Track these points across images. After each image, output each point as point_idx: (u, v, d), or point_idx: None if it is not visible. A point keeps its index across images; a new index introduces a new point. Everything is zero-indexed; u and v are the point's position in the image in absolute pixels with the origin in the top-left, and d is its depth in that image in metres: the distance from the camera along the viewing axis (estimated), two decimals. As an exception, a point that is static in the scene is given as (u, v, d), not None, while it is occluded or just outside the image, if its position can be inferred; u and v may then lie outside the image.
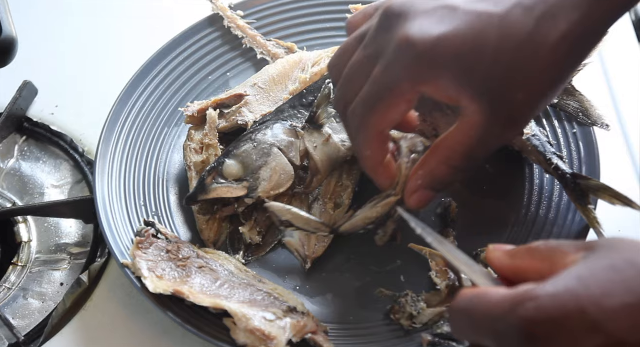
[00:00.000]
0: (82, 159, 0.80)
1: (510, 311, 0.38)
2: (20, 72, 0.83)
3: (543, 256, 0.42)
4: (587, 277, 0.38)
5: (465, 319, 0.41)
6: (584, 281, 0.37)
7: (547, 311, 0.37)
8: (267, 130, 0.67)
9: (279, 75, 0.76)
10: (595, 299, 0.36)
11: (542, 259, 0.42)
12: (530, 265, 0.43)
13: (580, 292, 0.37)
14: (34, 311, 0.71)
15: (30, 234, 0.76)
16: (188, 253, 0.65)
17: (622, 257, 0.38)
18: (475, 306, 0.41)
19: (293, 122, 0.68)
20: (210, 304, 0.60)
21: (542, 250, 0.43)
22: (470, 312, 0.41)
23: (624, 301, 0.36)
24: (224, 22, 0.82)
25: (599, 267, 0.38)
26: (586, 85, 0.72)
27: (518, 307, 0.38)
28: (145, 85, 0.77)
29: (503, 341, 0.39)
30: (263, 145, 0.66)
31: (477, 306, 0.40)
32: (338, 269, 0.68)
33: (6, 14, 0.70)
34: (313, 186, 0.67)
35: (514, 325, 0.38)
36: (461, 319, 0.42)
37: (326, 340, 0.60)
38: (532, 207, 0.69)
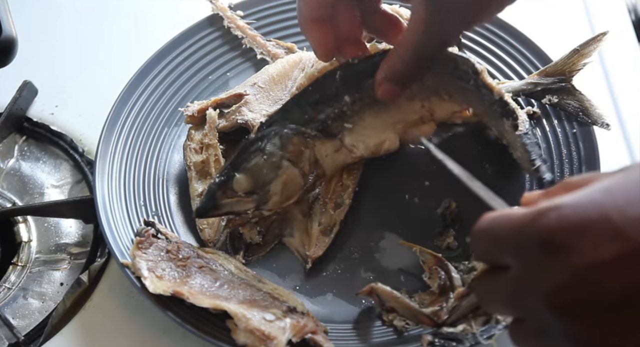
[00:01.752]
0: (82, 159, 0.80)
1: (532, 222, 0.38)
2: (20, 72, 0.83)
3: (576, 183, 0.41)
4: (612, 189, 0.37)
5: (488, 238, 0.41)
6: (608, 191, 0.37)
7: (568, 219, 0.37)
8: (276, 140, 0.64)
9: (279, 75, 0.76)
10: (619, 207, 0.36)
11: (575, 185, 0.41)
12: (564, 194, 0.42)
13: (604, 201, 0.36)
14: (33, 311, 0.71)
15: (30, 234, 0.76)
16: (188, 253, 0.65)
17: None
18: (497, 223, 0.41)
19: (302, 126, 0.64)
20: (210, 305, 0.60)
21: (575, 180, 0.42)
22: (493, 230, 0.41)
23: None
24: (224, 22, 0.82)
25: (626, 181, 0.37)
26: (586, 85, 0.72)
27: (540, 218, 0.38)
28: (145, 85, 0.77)
29: (525, 253, 0.38)
30: (273, 158, 0.63)
31: (499, 224, 0.40)
32: (338, 269, 0.68)
33: (6, 14, 0.70)
34: (314, 187, 0.67)
35: (535, 235, 0.37)
36: (483, 238, 0.42)
37: (326, 340, 0.60)
38: (532, 207, 0.68)
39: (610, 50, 0.82)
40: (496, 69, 0.77)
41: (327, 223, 0.69)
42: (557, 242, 0.37)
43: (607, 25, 0.71)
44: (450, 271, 0.63)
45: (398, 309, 0.61)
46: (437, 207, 0.70)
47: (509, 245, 0.40)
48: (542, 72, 0.73)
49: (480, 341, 0.58)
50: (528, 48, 0.77)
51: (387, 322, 0.62)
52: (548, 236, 0.37)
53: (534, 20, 0.83)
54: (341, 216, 0.69)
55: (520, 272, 0.39)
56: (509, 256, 0.40)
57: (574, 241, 0.36)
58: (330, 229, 0.69)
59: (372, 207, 0.72)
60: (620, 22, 0.87)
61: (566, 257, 0.36)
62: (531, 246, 0.38)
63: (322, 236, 0.68)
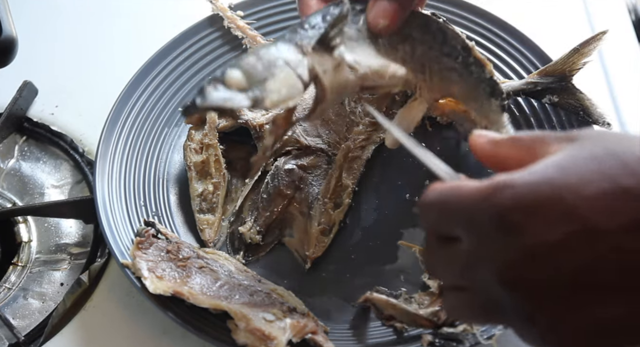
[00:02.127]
0: (82, 159, 0.80)
1: (485, 199, 0.38)
2: (20, 72, 0.83)
3: (525, 145, 0.42)
4: (566, 166, 0.37)
5: (438, 211, 0.41)
6: (562, 169, 0.37)
7: (522, 198, 0.37)
8: (271, 47, 0.56)
9: (279, 75, 0.76)
10: (572, 186, 0.36)
11: (524, 148, 0.42)
12: (512, 154, 0.43)
13: (557, 179, 0.37)
14: (34, 311, 0.71)
15: (30, 234, 0.76)
16: (188, 253, 0.65)
17: (603, 147, 0.38)
18: (447, 197, 0.40)
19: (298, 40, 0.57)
20: (210, 305, 0.60)
21: (525, 139, 0.42)
22: (444, 203, 0.41)
23: (601, 188, 0.36)
24: (224, 22, 0.82)
25: (579, 157, 0.38)
26: (586, 85, 0.72)
27: (493, 195, 0.38)
28: (145, 85, 0.77)
29: (478, 229, 0.39)
30: (268, 56, 0.55)
31: (449, 198, 0.40)
32: (338, 269, 0.68)
33: (6, 14, 0.70)
34: (315, 114, 0.60)
35: (489, 212, 0.38)
36: (432, 211, 0.42)
37: (326, 340, 0.60)
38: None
39: (610, 50, 0.82)
40: (496, 69, 0.77)
41: (326, 223, 0.69)
42: (511, 220, 0.37)
43: (607, 25, 0.71)
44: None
45: (396, 316, 0.61)
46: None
47: (460, 219, 0.40)
48: (542, 71, 0.73)
49: (480, 341, 0.58)
50: (528, 48, 0.77)
51: (387, 323, 0.62)
52: (502, 214, 0.37)
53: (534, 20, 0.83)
54: (340, 216, 0.69)
55: (473, 246, 0.39)
56: (460, 229, 0.40)
57: (528, 220, 0.37)
58: (329, 229, 0.69)
59: (372, 207, 0.72)
60: (620, 22, 0.87)
61: (519, 235, 0.37)
62: (484, 222, 0.38)
63: (321, 236, 0.69)
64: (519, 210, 0.37)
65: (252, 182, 0.72)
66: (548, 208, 0.36)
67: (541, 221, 0.36)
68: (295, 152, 0.73)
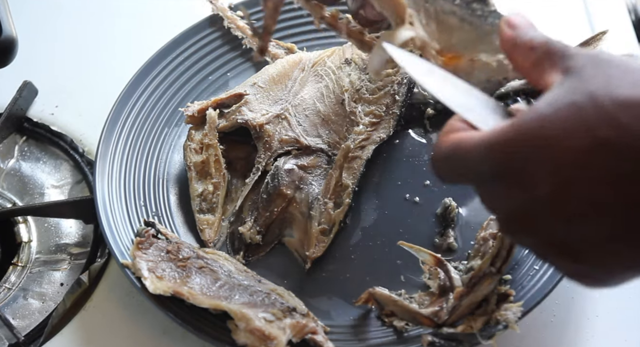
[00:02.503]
0: (82, 159, 0.80)
1: (484, 156, 0.41)
2: (20, 72, 0.83)
3: (537, 59, 0.44)
4: (547, 116, 0.39)
5: (447, 166, 0.45)
6: (543, 119, 0.39)
7: (509, 153, 0.40)
8: None
9: (279, 75, 0.76)
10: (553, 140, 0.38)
11: (535, 62, 0.44)
12: (523, 62, 0.46)
13: (537, 133, 0.39)
14: (34, 311, 0.71)
15: (30, 234, 0.76)
16: (188, 253, 0.65)
17: (587, 92, 0.39)
18: (454, 154, 0.44)
19: None
20: (210, 305, 0.60)
21: (538, 51, 0.44)
22: (450, 160, 0.44)
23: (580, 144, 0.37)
24: (224, 22, 0.82)
25: (561, 104, 0.39)
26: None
27: (489, 152, 0.41)
28: (145, 85, 0.77)
29: (479, 179, 0.43)
30: None
31: (455, 154, 0.43)
32: (338, 269, 0.68)
33: (6, 14, 0.70)
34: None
35: (486, 166, 0.41)
36: (443, 166, 0.45)
37: (326, 340, 0.60)
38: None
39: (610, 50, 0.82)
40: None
41: (326, 223, 0.69)
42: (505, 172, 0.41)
43: (607, 25, 0.71)
44: (450, 271, 0.63)
45: (398, 313, 0.61)
46: (437, 207, 0.70)
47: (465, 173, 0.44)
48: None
49: (480, 341, 0.58)
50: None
51: (387, 322, 0.62)
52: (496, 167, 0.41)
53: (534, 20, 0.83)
54: (340, 216, 0.69)
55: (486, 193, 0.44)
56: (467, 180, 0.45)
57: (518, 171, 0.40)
58: (329, 229, 0.69)
59: (372, 207, 0.72)
60: (620, 22, 0.87)
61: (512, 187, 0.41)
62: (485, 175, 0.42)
63: (321, 236, 0.68)
64: (508, 162, 0.40)
65: (252, 182, 0.72)
66: (533, 162, 0.39)
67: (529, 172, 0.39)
68: (295, 152, 0.73)
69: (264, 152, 0.73)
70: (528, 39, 0.46)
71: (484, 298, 0.60)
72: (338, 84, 0.76)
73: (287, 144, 0.73)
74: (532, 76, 0.45)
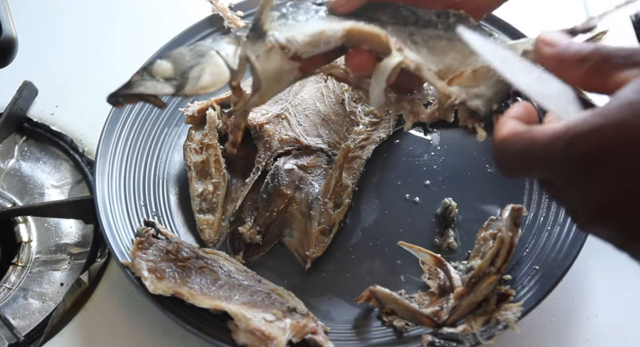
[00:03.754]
0: (82, 159, 0.80)
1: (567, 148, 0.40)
2: (20, 72, 0.83)
3: (593, 68, 0.43)
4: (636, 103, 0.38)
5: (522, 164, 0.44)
6: (633, 107, 0.38)
7: (596, 144, 0.39)
8: (208, 39, 0.58)
9: (279, 75, 0.76)
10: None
11: (592, 72, 0.43)
12: (580, 77, 0.44)
13: (630, 121, 0.38)
14: (34, 311, 0.71)
15: (30, 234, 0.76)
16: (188, 253, 0.65)
17: None
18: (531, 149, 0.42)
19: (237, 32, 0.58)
20: (210, 305, 0.60)
21: (590, 60, 0.43)
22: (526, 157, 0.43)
23: None
24: (224, 22, 0.82)
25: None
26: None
27: (573, 142, 0.39)
28: (145, 85, 0.77)
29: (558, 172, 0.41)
30: (201, 48, 0.56)
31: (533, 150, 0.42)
32: (338, 269, 0.68)
33: (6, 14, 0.70)
34: (252, 102, 0.58)
35: (569, 161, 0.40)
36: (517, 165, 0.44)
37: (326, 340, 0.60)
38: (532, 207, 0.69)
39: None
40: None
41: (326, 223, 0.69)
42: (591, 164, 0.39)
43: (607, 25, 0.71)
44: (450, 271, 0.63)
45: (398, 311, 0.61)
46: (437, 207, 0.70)
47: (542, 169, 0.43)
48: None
49: (480, 341, 0.58)
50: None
51: (387, 322, 0.62)
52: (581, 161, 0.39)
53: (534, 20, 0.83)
54: (340, 216, 0.69)
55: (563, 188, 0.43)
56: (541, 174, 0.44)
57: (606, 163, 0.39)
58: (329, 229, 0.69)
59: (372, 207, 0.72)
60: (620, 22, 0.87)
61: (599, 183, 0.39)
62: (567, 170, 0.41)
63: (321, 236, 0.68)
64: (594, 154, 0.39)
65: (252, 182, 0.72)
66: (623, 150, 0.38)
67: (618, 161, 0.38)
68: (295, 152, 0.73)
69: (264, 152, 0.73)
70: (573, 52, 0.45)
71: (484, 298, 0.60)
72: (338, 84, 0.75)
73: (287, 144, 0.73)
74: (593, 84, 0.44)
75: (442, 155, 0.74)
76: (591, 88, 0.44)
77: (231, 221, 0.71)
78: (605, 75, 0.43)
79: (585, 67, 0.44)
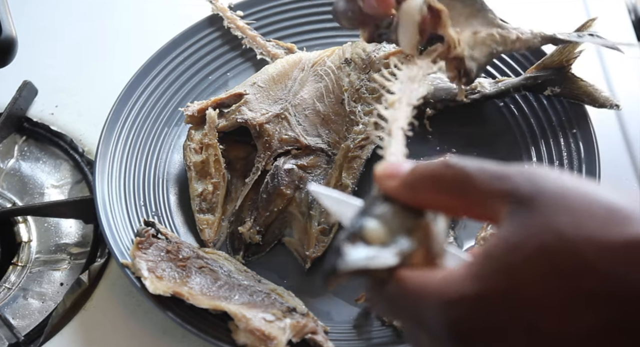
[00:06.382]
0: (82, 159, 0.80)
1: (440, 311, 0.34)
2: (20, 72, 0.83)
3: (454, 191, 0.36)
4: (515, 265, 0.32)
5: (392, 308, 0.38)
6: (510, 270, 0.32)
7: (473, 310, 0.33)
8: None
9: (279, 75, 0.76)
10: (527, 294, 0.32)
11: (455, 195, 0.36)
12: (440, 201, 0.37)
13: (506, 286, 0.32)
14: (33, 311, 0.71)
15: (30, 234, 0.76)
16: (188, 253, 0.65)
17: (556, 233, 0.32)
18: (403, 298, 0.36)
19: None
20: (210, 306, 0.60)
21: (449, 183, 0.36)
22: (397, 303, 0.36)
23: (561, 298, 0.31)
24: (224, 22, 0.82)
25: (529, 249, 0.32)
26: (586, 85, 0.72)
27: (447, 308, 0.34)
28: (145, 85, 0.77)
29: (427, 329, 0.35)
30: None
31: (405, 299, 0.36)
32: (338, 269, 0.68)
33: (6, 14, 0.70)
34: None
35: (442, 322, 0.34)
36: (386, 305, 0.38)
37: (326, 340, 0.60)
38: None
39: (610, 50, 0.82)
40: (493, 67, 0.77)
41: (326, 223, 0.69)
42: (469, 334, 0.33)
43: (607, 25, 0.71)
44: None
45: None
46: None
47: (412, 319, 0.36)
48: (539, 65, 0.73)
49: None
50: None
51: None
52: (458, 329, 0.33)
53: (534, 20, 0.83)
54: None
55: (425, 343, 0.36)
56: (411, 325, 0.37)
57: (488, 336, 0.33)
58: (329, 229, 0.69)
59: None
60: (620, 22, 0.87)
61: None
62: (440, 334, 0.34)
63: (321, 236, 0.68)
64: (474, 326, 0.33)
65: (252, 182, 0.71)
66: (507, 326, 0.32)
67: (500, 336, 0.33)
68: (295, 152, 0.73)
69: (264, 152, 0.73)
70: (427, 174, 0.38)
71: None
72: (338, 84, 0.76)
73: (287, 144, 0.73)
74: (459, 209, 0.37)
75: (442, 155, 0.74)
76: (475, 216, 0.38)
77: (231, 221, 0.71)
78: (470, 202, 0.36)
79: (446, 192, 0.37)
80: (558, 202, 0.33)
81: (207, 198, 0.71)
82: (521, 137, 0.74)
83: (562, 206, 0.33)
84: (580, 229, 0.32)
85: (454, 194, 0.37)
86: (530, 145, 0.73)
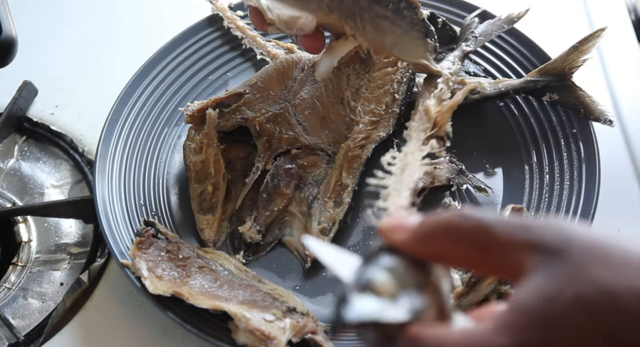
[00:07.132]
0: (81, 159, 0.80)
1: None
2: (20, 72, 0.83)
3: (473, 243, 0.34)
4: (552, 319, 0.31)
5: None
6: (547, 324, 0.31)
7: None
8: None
9: (279, 74, 0.76)
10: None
11: (473, 246, 0.34)
12: (456, 254, 0.35)
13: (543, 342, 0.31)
14: (33, 311, 0.71)
15: (30, 234, 0.76)
16: (188, 253, 0.65)
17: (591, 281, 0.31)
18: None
19: None
20: (210, 305, 0.60)
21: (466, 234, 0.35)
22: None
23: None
24: (224, 22, 0.82)
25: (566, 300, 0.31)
26: (586, 84, 0.72)
27: None
28: (145, 85, 0.77)
29: None
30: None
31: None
32: (338, 269, 0.68)
33: (6, 14, 0.70)
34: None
35: None
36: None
37: (326, 340, 0.60)
38: (532, 207, 0.69)
39: (610, 50, 0.82)
40: (495, 68, 0.77)
41: (326, 222, 0.69)
42: None
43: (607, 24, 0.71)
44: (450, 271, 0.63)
45: None
46: (437, 206, 0.70)
47: None
48: (541, 69, 0.73)
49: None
50: (527, 47, 0.77)
51: None
52: None
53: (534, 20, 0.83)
54: (340, 215, 0.69)
55: None
56: None
57: None
58: (329, 228, 0.69)
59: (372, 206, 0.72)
60: (620, 22, 0.87)
61: None
62: None
63: (321, 236, 0.68)
64: None
65: (252, 182, 0.71)
66: None
67: None
68: (295, 151, 0.73)
69: (264, 152, 0.73)
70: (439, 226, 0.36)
71: (484, 298, 0.60)
72: (338, 84, 0.75)
73: (287, 143, 0.73)
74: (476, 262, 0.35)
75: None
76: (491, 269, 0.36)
77: (231, 221, 0.71)
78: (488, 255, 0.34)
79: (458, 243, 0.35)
80: (591, 253, 0.32)
81: (207, 198, 0.71)
82: (521, 137, 0.74)
83: (595, 257, 0.32)
84: (619, 279, 0.31)
85: (472, 245, 0.35)
86: (530, 145, 0.73)
